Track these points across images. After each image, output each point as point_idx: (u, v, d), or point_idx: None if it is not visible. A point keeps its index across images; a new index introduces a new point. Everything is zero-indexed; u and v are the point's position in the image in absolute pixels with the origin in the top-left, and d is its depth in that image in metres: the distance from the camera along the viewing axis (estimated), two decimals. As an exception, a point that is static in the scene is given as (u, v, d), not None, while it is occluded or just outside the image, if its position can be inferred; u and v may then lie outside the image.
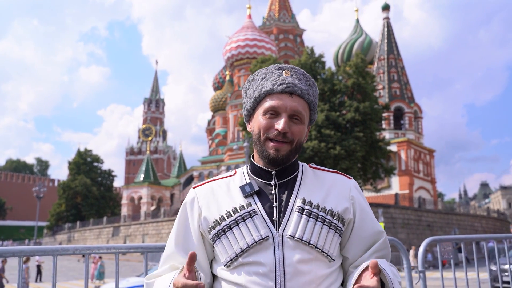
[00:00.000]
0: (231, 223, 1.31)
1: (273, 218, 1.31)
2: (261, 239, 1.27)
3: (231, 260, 1.29)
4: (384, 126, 38.95)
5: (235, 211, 1.32)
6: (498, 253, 3.76)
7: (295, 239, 1.27)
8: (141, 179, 56.90)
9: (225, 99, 58.35)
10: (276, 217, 1.31)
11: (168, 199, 58.18)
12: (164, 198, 57.62)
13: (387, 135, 45.82)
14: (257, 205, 1.33)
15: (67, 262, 34.91)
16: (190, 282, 1.17)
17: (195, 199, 1.42)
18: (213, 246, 1.37)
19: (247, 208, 1.32)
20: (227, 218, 1.32)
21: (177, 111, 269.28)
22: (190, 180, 55.41)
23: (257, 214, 1.31)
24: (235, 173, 1.47)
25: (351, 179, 1.45)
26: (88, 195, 62.32)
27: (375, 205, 29.77)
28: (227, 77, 58.94)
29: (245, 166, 1.49)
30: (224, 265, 1.31)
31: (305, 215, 1.30)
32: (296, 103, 1.34)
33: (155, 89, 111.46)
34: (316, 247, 1.28)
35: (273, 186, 1.37)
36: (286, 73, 1.38)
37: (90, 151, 68.20)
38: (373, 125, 28.50)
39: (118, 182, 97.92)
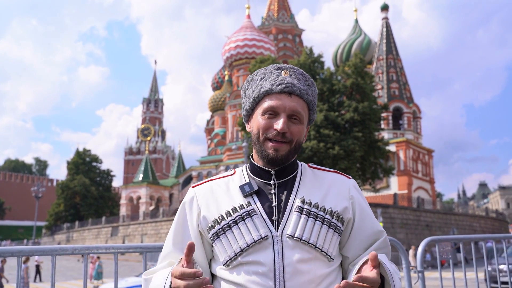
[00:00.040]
0: (230, 222, 1.31)
1: (273, 218, 1.31)
2: (260, 239, 1.27)
3: (230, 259, 1.29)
4: (383, 126, 38.92)
5: (234, 210, 1.32)
6: (496, 253, 3.76)
7: (294, 238, 1.27)
8: (140, 179, 56.88)
9: (224, 99, 58.32)
10: (276, 216, 1.31)
11: (167, 199, 58.16)
12: (163, 198, 57.60)
13: (386, 135, 45.84)
14: (257, 205, 1.33)
15: (65, 262, 34.87)
16: (188, 270, 1.17)
17: (194, 198, 1.42)
18: (212, 245, 1.37)
19: (247, 207, 1.32)
20: (227, 218, 1.32)
21: (176, 111, 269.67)
22: (189, 180, 55.38)
23: (256, 214, 1.31)
24: (234, 173, 1.47)
25: (350, 178, 1.45)
26: (87, 195, 62.23)
27: (373, 205, 29.80)
28: (226, 77, 58.90)
29: (244, 165, 1.49)
30: (223, 265, 1.31)
31: (304, 214, 1.30)
32: (295, 103, 1.34)
33: (154, 89, 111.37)
34: (316, 247, 1.28)
35: (273, 186, 1.37)
36: (285, 73, 1.38)
37: (89, 151, 68.14)
38: (372, 125, 28.51)
39: (117, 182, 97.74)
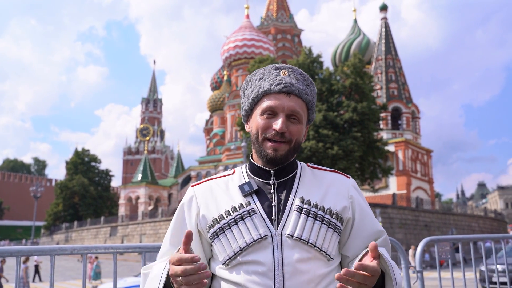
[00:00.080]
0: (230, 222, 1.31)
1: (272, 217, 1.31)
2: (260, 238, 1.27)
3: (229, 259, 1.29)
4: (381, 126, 38.97)
5: (234, 210, 1.32)
6: (494, 253, 3.77)
7: (294, 238, 1.27)
8: (139, 179, 56.87)
9: (223, 99, 58.32)
10: (275, 216, 1.31)
11: (166, 199, 58.15)
12: (161, 198, 57.59)
13: (384, 135, 45.88)
14: (256, 204, 1.33)
15: (64, 262, 34.84)
16: (185, 255, 1.16)
17: (193, 197, 1.42)
18: (211, 244, 1.37)
19: (246, 207, 1.32)
20: (226, 217, 1.32)
21: (175, 111, 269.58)
22: (187, 180, 55.35)
23: (256, 213, 1.31)
24: (233, 172, 1.47)
25: (349, 178, 1.45)
26: (86, 195, 62.19)
27: (372, 205, 29.82)
28: (225, 77, 58.88)
29: (244, 165, 1.49)
30: (223, 264, 1.31)
31: (303, 214, 1.30)
32: (293, 103, 1.34)
33: (153, 89, 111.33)
34: (315, 246, 1.28)
35: (272, 185, 1.37)
36: (284, 73, 1.38)
37: (88, 151, 68.08)
38: (371, 125, 28.52)
39: (116, 182, 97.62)
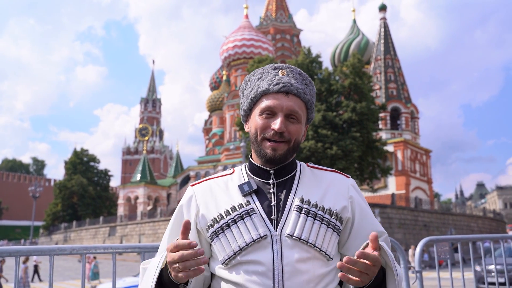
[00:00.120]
0: (229, 221, 1.31)
1: (272, 217, 1.31)
2: (259, 238, 1.27)
3: (229, 258, 1.29)
4: (380, 126, 39.05)
5: (233, 209, 1.32)
6: (492, 254, 3.77)
7: (293, 238, 1.27)
8: (138, 179, 56.85)
9: (222, 99, 58.32)
10: (275, 216, 1.31)
11: (165, 199, 58.16)
12: (160, 198, 57.59)
13: (383, 135, 45.93)
14: (256, 204, 1.33)
15: (63, 262, 34.81)
16: (182, 241, 1.16)
17: (193, 197, 1.42)
18: (210, 244, 1.37)
19: (246, 206, 1.32)
20: (226, 217, 1.32)
21: (174, 111, 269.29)
22: (186, 180, 55.33)
23: (255, 213, 1.31)
24: (233, 172, 1.47)
25: (349, 177, 1.45)
26: (85, 195, 62.11)
27: (371, 205, 29.85)
28: (224, 77, 58.91)
29: (243, 164, 1.49)
30: (222, 264, 1.31)
31: (303, 214, 1.30)
32: (292, 103, 1.34)
33: (151, 89, 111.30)
34: (315, 246, 1.28)
35: (271, 185, 1.37)
36: (282, 72, 1.38)
37: (87, 150, 67.98)
38: (370, 125, 28.55)
39: (115, 182, 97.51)
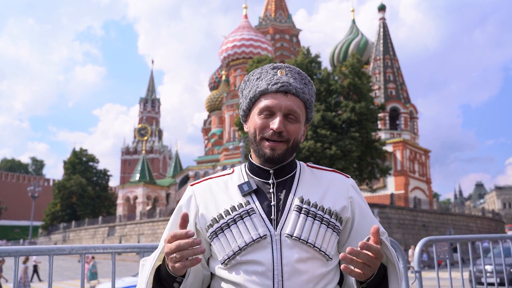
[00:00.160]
0: (229, 221, 1.31)
1: (271, 217, 1.31)
2: (259, 238, 1.27)
3: (228, 258, 1.29)
4: (379, 126, 39.05)
5: (233, 209, 1.32)
6: (491, 254, 3.77)
7: (293, 238, 1.27)
8: (137, 178, 56.80)
9: (221, 99, 58.31)
10: (274, 216, 1.31)
11: (164, 199, 58.13)
12: (159, 198, 57.55)
13: (382, 135, 45.95)
14: (255, 204, 1.33)
15: (62, 262, 34.78)
16: (179, 230, 1.16)
17: (192, 196, 1.42)
18: (210, 244, 1.36)
19: (245, 206, 1.32)
20: (225, 216, 1.32)
21: (173, 111, 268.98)
22: (185, 180, 55.33)
23: (255, 213, 1.30)
24: (233, 172, 1.47)
25: (348, 177, 1.45)
26: (84, 195, 62.05)
27: (370, 205, 29.87)
28: (223, 77, 58.86)
29: (243, 164, 1.49)
30: (222, 264, 1.31)
31: (303, 214, 1.30)
32: (291, 102, 1.34)
33: (151, 89, 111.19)
34: (314, 246, 1.28)
35: (271, 185, 1.37)
36: (281, 72, 1.38)
37: (86, 150, 67.91)
38: (369, 125, 28.57)
39: (114, 182, 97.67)
